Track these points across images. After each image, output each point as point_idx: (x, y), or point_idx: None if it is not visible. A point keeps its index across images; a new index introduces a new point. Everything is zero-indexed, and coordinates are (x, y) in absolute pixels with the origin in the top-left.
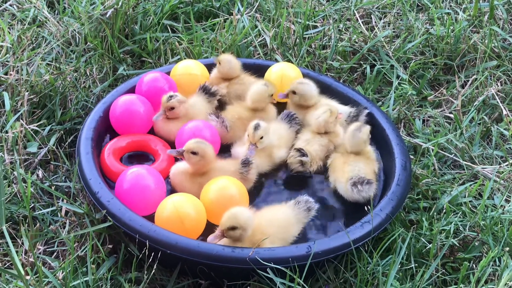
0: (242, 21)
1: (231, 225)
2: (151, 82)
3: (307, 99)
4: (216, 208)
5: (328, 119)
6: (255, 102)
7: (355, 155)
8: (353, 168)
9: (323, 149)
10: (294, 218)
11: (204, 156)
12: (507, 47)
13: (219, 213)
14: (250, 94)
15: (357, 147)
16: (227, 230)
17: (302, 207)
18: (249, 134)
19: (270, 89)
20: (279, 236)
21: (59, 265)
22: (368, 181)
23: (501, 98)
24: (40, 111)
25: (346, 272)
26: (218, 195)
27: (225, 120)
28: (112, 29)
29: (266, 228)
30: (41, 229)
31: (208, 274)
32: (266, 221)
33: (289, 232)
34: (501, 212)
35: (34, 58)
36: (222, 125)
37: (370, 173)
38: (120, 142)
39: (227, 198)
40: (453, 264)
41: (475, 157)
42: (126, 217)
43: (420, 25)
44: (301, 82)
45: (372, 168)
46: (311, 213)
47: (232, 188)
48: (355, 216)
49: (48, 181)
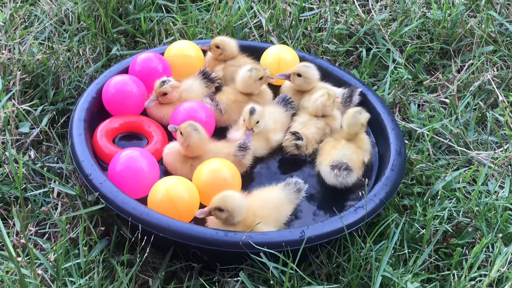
0: (237, 2)
1: (218, 206)
2: (144, 62)
3: (310, 83)
4: (208, 190)
5: (326, 102)
6: (243, 88)
7: (346, 141)
8: (339, 153)
9: (320, 132)
10: (285, 199)
11: (188, 140)
12: (504, 32)
13: (212, 195)
14: (236, 80)
15: (354, 128)
16: (214, 209)
17: (292, 189)
18: (245, 119)
19: (256, 74)
20: (272, 217)
21: (51, 247)
22: (347, 167)
23: (497, 84)
24: (32, 91)
25: (339, 257)
26: (211, 177)
27: (219, 103)
28: (105, 8)
29: (259, 211)
30: (33, 210)
31: (200, 257)
32: (258, 204)
33: (281, 213)
34: (495, 198)
35: (26, 37)
36: (216, 108)
37: (355, 161)
38: (113, 123)
39: (220, 180)
40: (446, 250)
41: (470, 142)
42: (118, 200)
43: (417, 9)
44: (307, 65)
45: (360, 157)
46: (301, 194)
47: (225, 170)
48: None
49: (40, 162)
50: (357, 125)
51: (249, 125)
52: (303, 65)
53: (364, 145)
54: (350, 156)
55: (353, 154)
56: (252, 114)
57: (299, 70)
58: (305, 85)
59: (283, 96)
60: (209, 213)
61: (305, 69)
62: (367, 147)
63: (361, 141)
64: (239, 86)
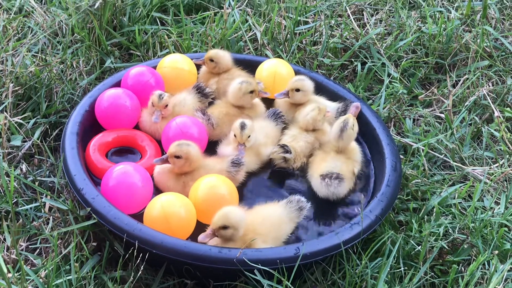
0: (232, 15)
1: (223, 224)
2: (136, 76)
3: (307, 95)
4: (205, 207)
5: (316, 117)
6: (234, 101)
7: (336, 153)
8: (329, 165)
9: (309, 146)
10: (286, 217)
11: (188, 157)
12: (499, 47)
13: (209, 212)
14: (228, 92)
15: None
16: (219, 229)
17: (294, 207)
18: (236, 134)
19: (246, 87)
20: (272, 235)
21: (42, 263)
22: (338, 177)
23: (492, 99)
24: (24, 103)
25: (334, 274)
26: (208, 194)
27: (211, 117)
28: (100, 21)
29: (259, 227)
30: (24, 225)
31: (194, 274)
32: (258, 220)
33: (281, 231)
34: (491, 214)
35: (19, 49)
36: (208, 122)
37: (346, 172)
38: (106, 137)
39: (217, 197)
40: (441, 267)
41: (465, 158)
42: (111, 215)
43: (412, 23)
44: (301, 79)
45: (350, 168)
46: (303, 212)
47: (222, 186)
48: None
49: (32, 176)
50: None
51: (241, 140)
52: (299, 79)
53: (354, 156)
54: (340, 167)
55: (343, 165)
56: (243, 129)
57: (296, 85)
58: (303, 99)
59: (273, 110)
60: (212, 235)
61: (302, 83)
62: (357, 158)
63: (351, 152)
64: (230, 99)
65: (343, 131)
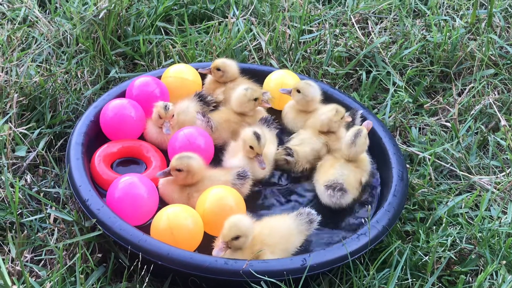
0: (237, 24)
1: (235, 235)
2: (141, 86)
3: (308, 101)
4: (213, 219)
5: (333, 118)
6: (237, 107)
7: (346, 161)
8: (336, 172)
9: (314, 154)
10: (296, 229)
11: (190, 170)
12: (505, 56)
13: (217, 224)
14: (232, 98)
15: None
16: (231, 240)
17: (304, 219)
18: (253, 145)
19: (251, 93)
20: (281, 247)
21: (47, 275)
22: (342, 188)
23: (498, 107)
24: (29, 113)
25: (341, 285)
26: (216, 205)
27: (210, 120)
28: (104, 31)
29: (267, 239)
30: (29, 236)
31: (199, 285)
32: (267, 231)
33: (290, 243)
34: (498, 224)
35: (24, 59)
36: (207, 125)
37: (352, 182)
38: (111, 148)
39: (224, 209)
40: (449, 278)
41: (471, 167)
42: (116, 226)
43: (416, 32)
44: (308, 83)
45: (357, 177)
46: (313, 225)
47: (229, 198)
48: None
49: (37, 187)
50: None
51: (259, 151)
52: (305, 82)
53: (363, 166)
54: (347, 176)
55: (350, 174)
56: (259, 139)
57: (298, 86)
58: (303, 103)
59: (265, 118)
60: (226, 247)
61: (304, 85)
62: (366, 168)
63: (361, 161)
64: (234, 105)
65: (356, 138)
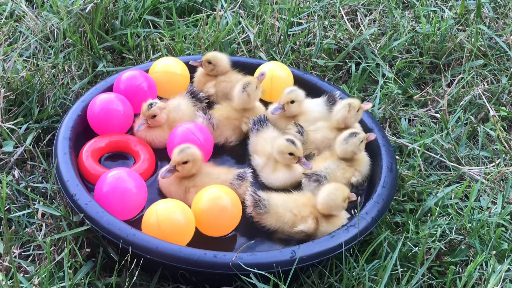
0: (225, 17)
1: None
2: (128, 80)
3: (301, 105)
4: (207, 217)
5: (347, 114)
6: (239, 103)
7: (339, 158)
8: (323, 165)
9: (324, 142)
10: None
11: (195, 158)
12: (494, 46)
13: (211, 223)
14: (233, 98)
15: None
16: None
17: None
18: (293, 151)
19: (251, 88)
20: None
21: (35, 270)
22: (317, 179)
23: (487, 98)
24: (16, 108)
25: (330, 277)
26: (210, 205)
27: (212, 117)
28: (91, 25)
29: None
30: (17, 232)
31: (189, 279)
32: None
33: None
34: (488, 214)
35: (10, 54)
36: (209, 122)
37: (339, 178)
38: (99, 143)
39: (219, 208)
40: (439, 268)
41: (461, 158)
42: (104, 221)
43: (406, 23)
44: (294, 89)
45: (346, 175)
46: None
47: (225, 198)
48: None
49: (25, 182)
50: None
51: (301, 154)
52: (291, 90)
53: (358, 166)
54: (333, 170)
55: (338, 170)
56: (295, 143)
57: (291, 97)
58: (298, 109)
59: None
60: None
61: (295, 93)
62: (360, 169)
63: (357, 161)
64: (236, 102)
65: (351, 137)
